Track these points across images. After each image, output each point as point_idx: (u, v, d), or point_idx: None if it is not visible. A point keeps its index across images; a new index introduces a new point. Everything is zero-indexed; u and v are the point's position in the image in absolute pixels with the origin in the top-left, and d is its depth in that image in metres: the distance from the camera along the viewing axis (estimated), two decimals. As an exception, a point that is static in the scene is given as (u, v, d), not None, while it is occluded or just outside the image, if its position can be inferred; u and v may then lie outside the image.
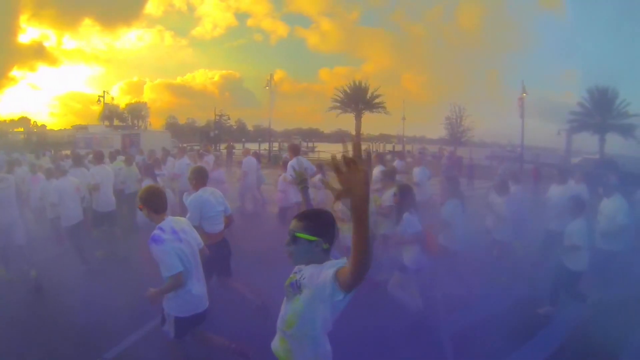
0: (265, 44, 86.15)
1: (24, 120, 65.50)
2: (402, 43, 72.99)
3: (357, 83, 36.53)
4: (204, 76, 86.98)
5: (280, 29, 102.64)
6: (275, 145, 37.86)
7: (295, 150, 6.72)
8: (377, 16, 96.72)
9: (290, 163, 6.50)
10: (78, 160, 7.32)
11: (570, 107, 33.17)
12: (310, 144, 48.92)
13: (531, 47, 72.94)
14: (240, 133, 59.75)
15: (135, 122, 56.66)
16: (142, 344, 3.74)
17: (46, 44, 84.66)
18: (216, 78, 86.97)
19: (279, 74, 69.27)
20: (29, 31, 73.78)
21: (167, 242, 2.71)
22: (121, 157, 9.75)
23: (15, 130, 53.61)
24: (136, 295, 4.36)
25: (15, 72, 65.42)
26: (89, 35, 72.63)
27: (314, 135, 54.35)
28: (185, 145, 24.76)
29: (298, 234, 1.81)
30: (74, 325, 4.00)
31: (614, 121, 30.76)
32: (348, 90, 36.53)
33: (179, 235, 2.83)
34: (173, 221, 2.93)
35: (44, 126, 68.37)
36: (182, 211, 7.84)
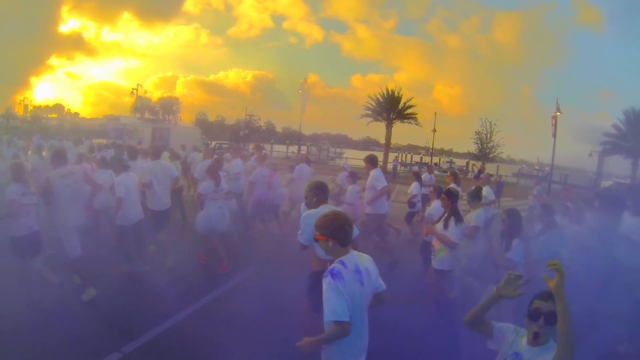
0: (300, 47, 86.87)
1: (58, 107, 67.60)
2: (436, 54, 72.18)
3: (390, 92, 35.50)
4: (237, 75, 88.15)
5: (316, 33, 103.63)
6: (304, 149, 37.57)
7: (373, 162, 6.34)
8: (413, 25, 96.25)
9: (373, 174, 6.20)
10: (133, 154, 6.88)
11: (603, 129, 31.87)
12: (338, 150, 48.41)
13: (567, 64, 71.10)
14: (269, 134, 59.90)
15: (166, 116, 57.44)
16: (160, 340, 3.84)
17: (85, 35, 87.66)
18: (249, 78, 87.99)
19: (311, 78, 69.43)
20: (69, 22, 76.38)
21: (347, 282, 2.14)
22: (166, 153, 9.53)
23: (49, 116, 55.07)
24: (158, 294, 4.65)
25: (53, 60, 67.56)
26: (128, 29, 74.44)
27: (342, 141, 53.96)
28: (226, 144, 24.57)
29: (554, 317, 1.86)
30: (94, 320, 4.06)
31: (649, 146, 29.33)
32: (381, 99, 35.65)
33: (362, 276, 2.22)
34: (358, 257, 2.30)
35: (77, 114, 70.48)
36: (242, 218, 7.63)
